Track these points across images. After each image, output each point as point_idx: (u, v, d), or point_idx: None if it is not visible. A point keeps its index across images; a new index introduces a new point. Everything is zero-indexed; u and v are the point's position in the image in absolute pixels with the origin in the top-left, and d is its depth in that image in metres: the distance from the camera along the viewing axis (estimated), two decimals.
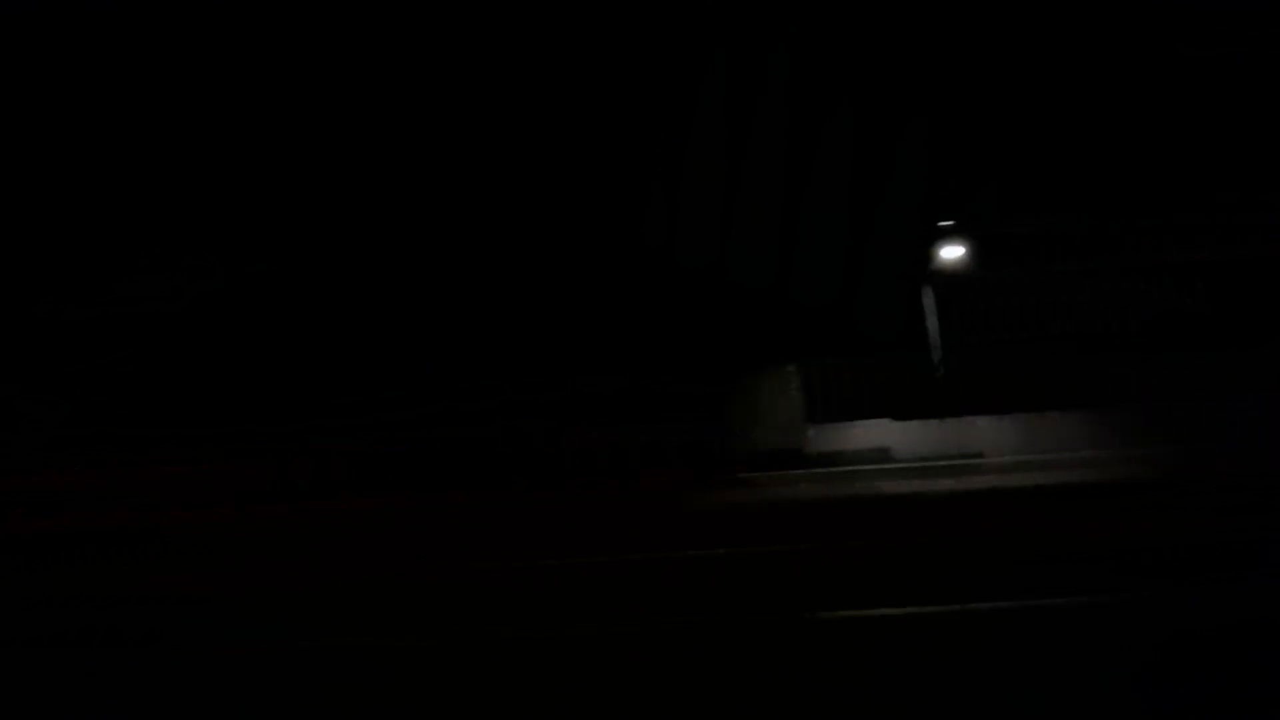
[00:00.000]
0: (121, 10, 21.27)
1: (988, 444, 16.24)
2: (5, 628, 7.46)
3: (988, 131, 19.57)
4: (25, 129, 21.12)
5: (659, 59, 20.92)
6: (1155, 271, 18.26)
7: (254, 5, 21.37)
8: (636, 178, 20.34)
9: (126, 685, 5.46)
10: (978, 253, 18.40)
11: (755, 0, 20.78)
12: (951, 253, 18.42)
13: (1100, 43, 19.63)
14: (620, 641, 5.70)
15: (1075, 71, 19.51)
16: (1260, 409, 14.94)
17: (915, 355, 17.93)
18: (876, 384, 17.35)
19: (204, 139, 21.11)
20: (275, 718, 4.84)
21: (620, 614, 6.38)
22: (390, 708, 4.79)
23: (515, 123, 20.90)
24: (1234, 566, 6.62)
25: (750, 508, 12.62)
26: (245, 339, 20.02)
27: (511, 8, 21.38)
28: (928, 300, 18.32)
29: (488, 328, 19.35)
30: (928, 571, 7.23)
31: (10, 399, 19.40)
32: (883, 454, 16.45)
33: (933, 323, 18.20)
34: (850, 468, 15.82)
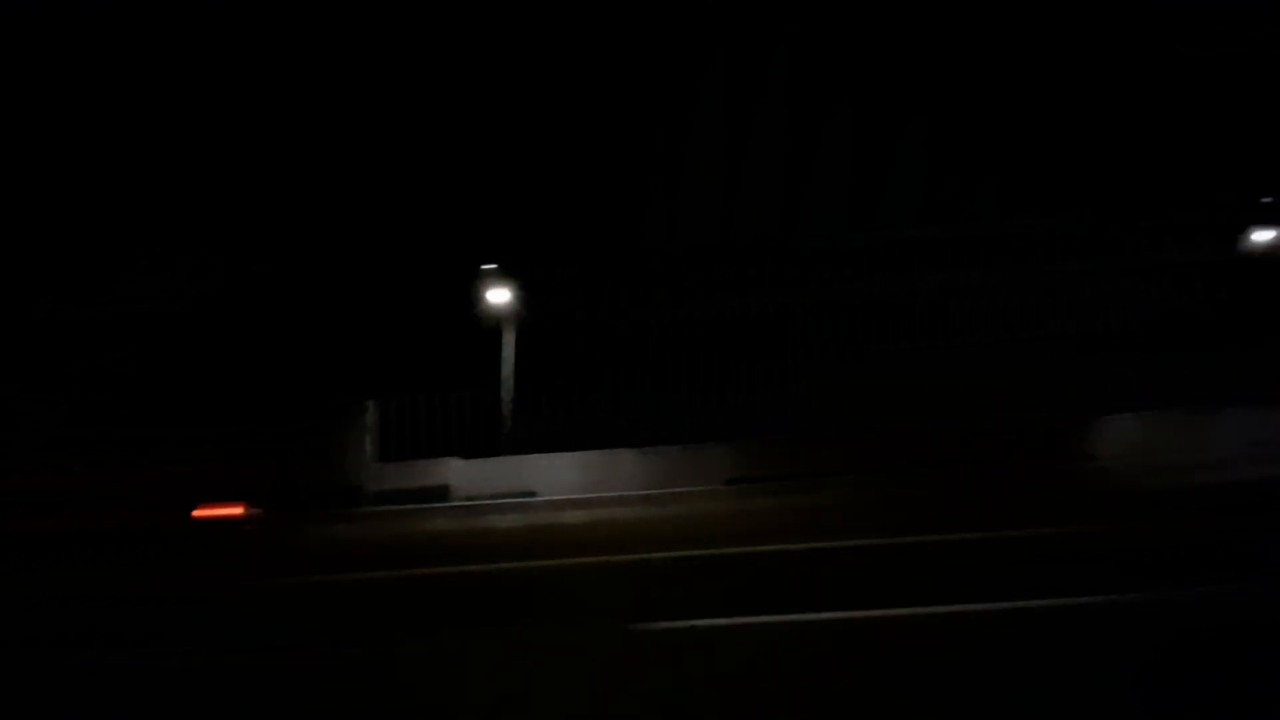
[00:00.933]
0: (121, 10, 21.26)
1: (543, 483, 16.11)
2: (5, 628, 7.46)
3: (987, 131, 19.56)
4: (25, 129, 21.12)
5: (655, 58, 20.92)
6: (1155, 271, 18.25)
7: (254, 5, 21.37)
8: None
9: (126, 685, 5.46)
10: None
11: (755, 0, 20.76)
12: (499, 295, 18.46)
13: (1100, 43, 19.62)
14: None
15: (1075, 71, 19.50)
16: (1260, 409, 14.92)
17: (487, 393, 18.07)
18: (448, 422, 17.63)
19: (203, 139, 21.10)
20: (274, 718, 4.85)
21: None
22: (389, 708, 4.79)
23: (511, 123, 20.90)
24: (1234, 566, 6.62)
25: (305, 546, 12.97)
26: (245, 339, 20.01)
27: (511, 8, 21.39)
28: (507, 338, 18.39)
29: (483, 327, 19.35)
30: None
31: (10, 399, 19.38)
32: (442, 492, 16.31)
33: (507, 360, 18.29)
34: (407, 506, 15.65)
